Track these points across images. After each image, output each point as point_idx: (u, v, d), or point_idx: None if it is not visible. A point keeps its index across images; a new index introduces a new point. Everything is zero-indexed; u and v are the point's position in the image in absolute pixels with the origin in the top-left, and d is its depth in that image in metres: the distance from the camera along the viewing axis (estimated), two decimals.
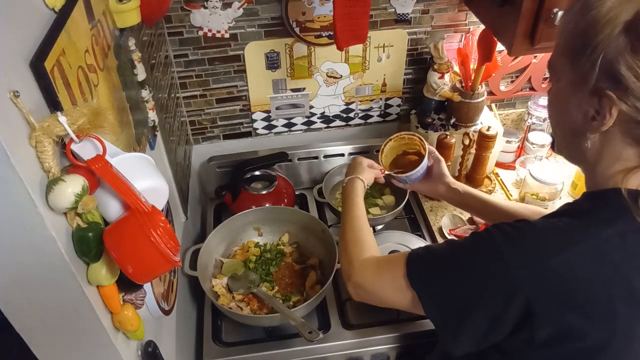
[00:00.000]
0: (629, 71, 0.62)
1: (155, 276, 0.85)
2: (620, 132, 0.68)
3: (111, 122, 0.77)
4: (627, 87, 0.63)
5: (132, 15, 0.95)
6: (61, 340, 0.73)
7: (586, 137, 0.71)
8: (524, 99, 1.70)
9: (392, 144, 1.26)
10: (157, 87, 1.20)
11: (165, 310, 0.99)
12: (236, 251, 1.39)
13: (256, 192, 1.49)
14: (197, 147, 1.64)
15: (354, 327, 1.23)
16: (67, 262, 0.63)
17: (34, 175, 0.58)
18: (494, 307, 0.71)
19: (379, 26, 1.48)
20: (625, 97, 0.64)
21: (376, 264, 0.92)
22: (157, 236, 0.66)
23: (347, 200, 1.10)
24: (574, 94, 0.71)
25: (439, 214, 1.51)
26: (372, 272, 0.90)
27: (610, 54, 0.64)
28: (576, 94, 0.70)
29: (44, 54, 0.60)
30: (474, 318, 0.73)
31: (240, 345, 1.21)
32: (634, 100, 0.63)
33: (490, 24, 1.28)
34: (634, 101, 0.63)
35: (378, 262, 0.92)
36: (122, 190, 0.66)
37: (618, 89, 0.64)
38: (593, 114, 0.68)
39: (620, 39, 0.63)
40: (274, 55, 1.48)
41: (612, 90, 0.64)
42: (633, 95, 0.63)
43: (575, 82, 0.70)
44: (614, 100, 0.65)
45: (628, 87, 0.63)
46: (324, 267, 1.33)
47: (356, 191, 1.10)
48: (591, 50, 0.65)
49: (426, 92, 1.56)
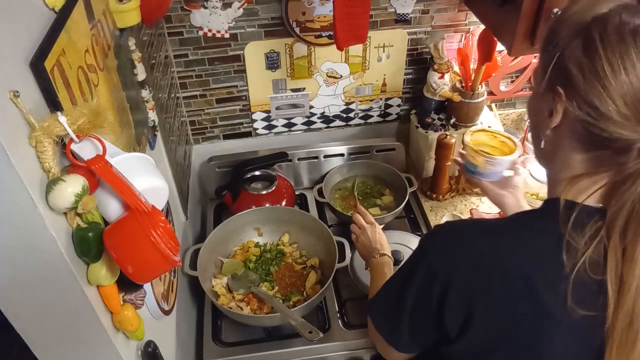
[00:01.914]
0: (579, 70, 0.63)
1: (155, 276, 0.85)
2: (569, 135, 0.68)
3: (111, 122, 0.78)
4: (575, 85, 0.63)
5: (132, 15, 0.95)
6: (61, 340, 0.73)
7: (541, 136, 0.72)
8: (524, 99, 1.69)
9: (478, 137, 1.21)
10: (157, 87, 1.20)
11: (165, 310, 0.99)
12: (236, 251, 1.39)
13: (256, 192, 1.49)
14: (197, 147, 1.64)
15: (354, 327, 1.24)
16: (67, 262, 0.63)
17: (34, 175, 0.58)
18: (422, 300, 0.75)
19: (379, 26, 1.48)
20: (572, 96, 0.64)
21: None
22: (157, 236, 0.66)
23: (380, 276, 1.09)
24: (537, 92, 0.72)
25: (439, 214, 1.51)
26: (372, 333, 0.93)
27: (566, 52, 0.65)
28: (538, 92, 0.71)
29: (44, 54, 0.60)
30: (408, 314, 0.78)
31: (240, 345, 1.21)
32: (579, 100, 0.63)
33: (490, 24, 1.28)
34: (579, 101, 0.63)
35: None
36: (122, 190, 0.66)
37: (567, 87, 0.64)
38: (548, 113, 0.69)
39: (577, 39, 0.64)
40: (274, 55, 1.48)
41: (562, 88, 0.65)
42: (579, 94, 0.63)
43: (538, 80, 0.71)
44: (562, 97, 0.65)
45: (575, 86, 0.63)
46: (324, 267, 1.33)
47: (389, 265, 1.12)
48: (552, 46, 0.67)
49: (426, 92, 1.56)
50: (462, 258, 0.71)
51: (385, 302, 0.86)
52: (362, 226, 1.22)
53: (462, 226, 0.80)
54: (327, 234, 1.32)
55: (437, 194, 1.55)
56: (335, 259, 1.25)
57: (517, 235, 0.70)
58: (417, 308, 0.76)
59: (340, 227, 1.51)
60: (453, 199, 1.56)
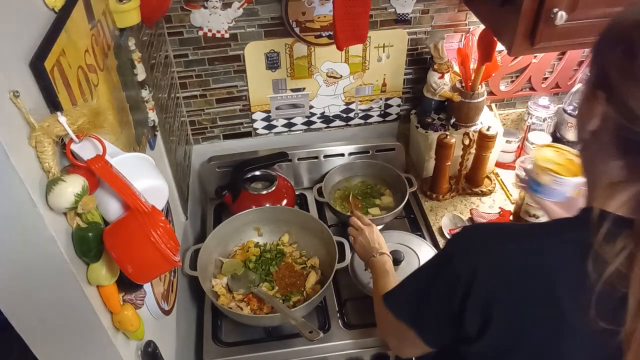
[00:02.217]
0: (618, 74, 0.63)
1: (155, 276, 0.85)
2: (607, 140, 0.67)
3: (111, 122, 0.78)
4: (614, 89, 0.63)
5: (132, 15, 0.95)
6: (61, 340, 0.73)
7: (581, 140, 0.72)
8: (524, 99, 1.69)
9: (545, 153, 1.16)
10: (157, 87, 1.20)
11: (165, 310, 0.99)
12: (236, 251, 1.39)
13: (256, 192, 1.49)
14: (197, 147, 1.64)
15: (354, 327, 1.24)
16: (67, 262, 0.63)
17: (34, 175, 0.58)
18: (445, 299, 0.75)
19: (379, 26, 1.48)
20: (611, 100, 0.64)
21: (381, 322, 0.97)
22: (157, 236, 0.66)
23: (383, 274, 1.10)
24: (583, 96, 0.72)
25: (439, 214, 1.51)
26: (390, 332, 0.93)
27: (608, 56, 0.65)
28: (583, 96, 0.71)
29: (44, 54, 0.60)
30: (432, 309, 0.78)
31: (240, 345, 1.21)
32: (618, 103, 0.63)
33: (490, 24, 1.28)
34: (618, 105, 0.63)
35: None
36: (122, 190, 0.66)
37: (607, 91, 0.64)
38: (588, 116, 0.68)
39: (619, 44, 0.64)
40: (274, 55, 1.48)
41: (602, 91, 0.65)
42: (618, 98, 0.63)
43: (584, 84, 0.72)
44: (602, 101, 0.65)
45: (614, 89, 0.63)
46: (324, 267, 1.33)
47: (390, 263, 1.13)
48: (597, 52, 0.68)
49: (426, 92, 1.56)
50: (487, 261, 0.70)
51: (409, 291, 0.86)
52: (360, 227, 1.23)
53: (490, 229, 0.80)
54: (327, 234, 1.32)
55: (437, 194, 1.55)
56: (335, 259, 1.25)
57: (543, 242, 0.69)
58: (439, 305, 0.77)
59: (340, 227, 1.51)
60: (453, 199, 1.56)
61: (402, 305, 0.86)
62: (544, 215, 1.39)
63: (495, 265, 0.70)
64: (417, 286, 0.83)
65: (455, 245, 0.78)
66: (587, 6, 1.07)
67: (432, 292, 0.77)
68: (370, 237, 1.19)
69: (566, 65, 1.63)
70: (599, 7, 1.07)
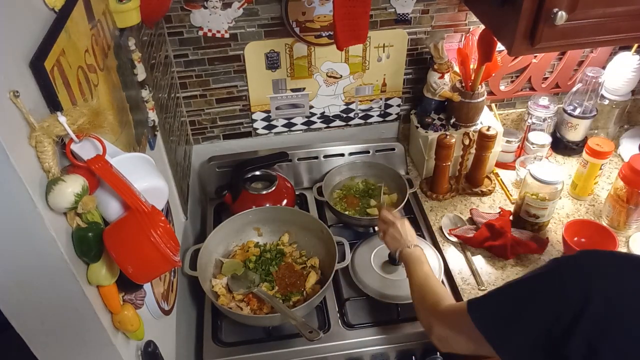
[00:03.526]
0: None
1: (155, 276, 0.85)
2: None
3: (111, 122, 0.77)
4: None
5: (132, 15, 0.95)
6: (61, 340, 0.73)
7: None
8: (524, 99, 1.70)
9: None
10: (157, 87, 1.20)
11: (165, 310, 0.99)
12: (236, 251, 1.39)
13: (256, 192, 1.49)
14: (197, 147, 1.64)
15: (354, 327, 1.24)
16: (67, 262, 0.63)
17: (33, 175, 0.58)
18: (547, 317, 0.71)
19: (379, 26, 1.48)
20: None
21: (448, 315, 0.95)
22: (157, 236, 0.66)
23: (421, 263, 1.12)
24: None
25: (439, 214, 1.51)
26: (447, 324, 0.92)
27: None
28: None
29: (44, 54, 0.60)
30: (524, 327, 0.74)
31: (240, 345, 1.21)
32: None
33: (490, 24, 1.28)
34: None
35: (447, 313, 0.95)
36: (122, 190, 0.66)
37: None
38: None
39: None
40: (274, 55, 1.48)
41: None
42: None
43: None
44: None
45: None
46: (324, 267, 1.33)
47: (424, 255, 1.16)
48: None
49: (426, 92, 1.56)
50: (603, 290, 0.67)
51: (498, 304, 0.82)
52: (391, 221, 1.24)
53: (608, 256, 0.76)
54: (327, 234, 1.32)
55: (437, 194, 1.55)
56: (335, 259, 1.25)
57: None
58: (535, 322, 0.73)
59: (340, 227, 1.51)
60: (453, 199, 1.56)
61: (488, 317, 0.82)
62: (544, 215, 1.40)
63: (611, 298, 0.67)
64: (511, 301, 0.79)
65: (566, 266, 0.74)
66: (587, 6, 1.07)
67: (530, 309, 0.74)
68: (403, 229, 1.22)
69: (566, 65, 1.63)
70: (599, 7, 1.07)
